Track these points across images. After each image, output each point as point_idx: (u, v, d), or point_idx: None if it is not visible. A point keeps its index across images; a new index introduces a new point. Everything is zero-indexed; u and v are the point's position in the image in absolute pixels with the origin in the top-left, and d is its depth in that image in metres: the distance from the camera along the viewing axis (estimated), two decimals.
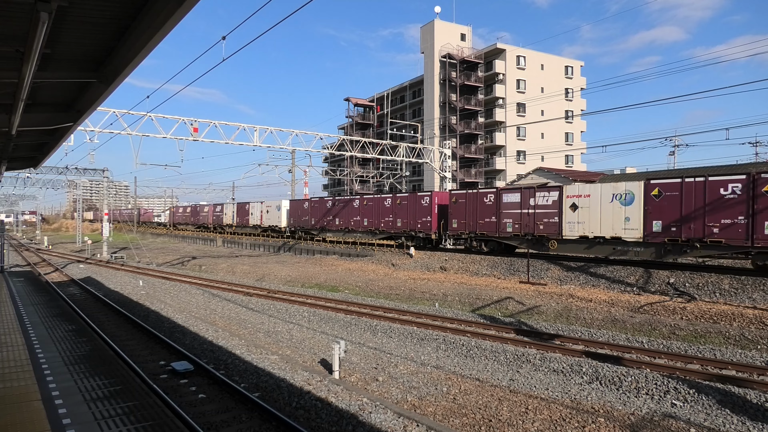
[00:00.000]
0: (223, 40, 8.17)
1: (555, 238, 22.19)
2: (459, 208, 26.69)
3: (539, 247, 23.09)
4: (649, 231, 19.07)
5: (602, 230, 20.47)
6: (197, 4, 4.44)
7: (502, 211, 24.54)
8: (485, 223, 25.39)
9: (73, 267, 33.38)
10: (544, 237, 22.63)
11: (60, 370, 8.36)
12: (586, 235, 21.00)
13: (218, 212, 59.44)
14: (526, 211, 23.39)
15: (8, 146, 11.98)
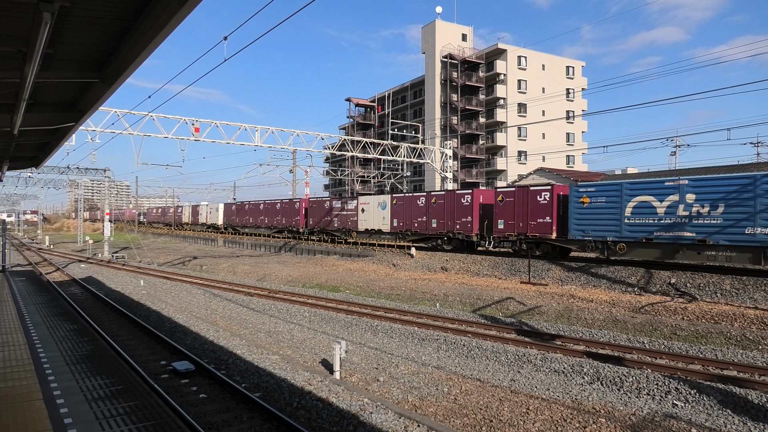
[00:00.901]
0: (224, 41, 8.17)
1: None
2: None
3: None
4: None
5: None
6: (199, 4, 4.45)
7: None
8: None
9: (74, 266, 33.42)
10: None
11: (61, 369, 8.37)
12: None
13: (179, 213, 70.86)
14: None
15: (10, 146, 12.00)
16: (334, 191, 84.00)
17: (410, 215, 30.70)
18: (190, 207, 66.87)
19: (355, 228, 35.24)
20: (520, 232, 23.59)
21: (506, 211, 24.21)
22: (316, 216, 39.86)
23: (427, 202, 29.29)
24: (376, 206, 33.46)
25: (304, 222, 42.28)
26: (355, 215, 35.13)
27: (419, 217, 29.98)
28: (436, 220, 28.35)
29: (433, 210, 28.53)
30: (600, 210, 20.63)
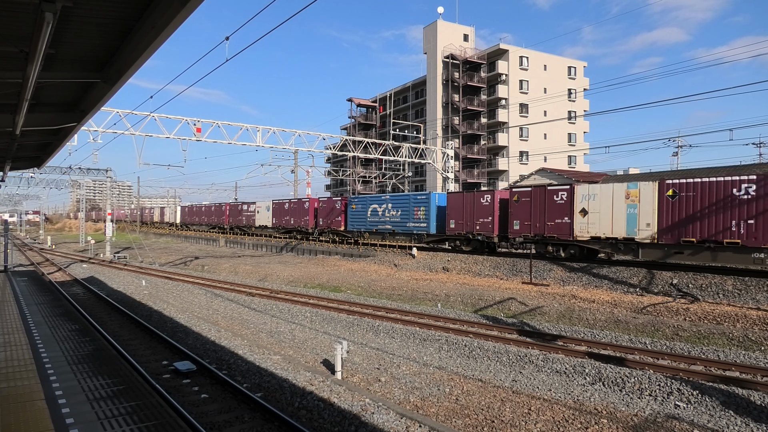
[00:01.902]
0: (226, 41, 8.18)
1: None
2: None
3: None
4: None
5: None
6: (201, 4, 4.45)
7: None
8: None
9: (76, 266, 33.47)
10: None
11: (63, 369, 8.39)
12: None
13: (150, 213, 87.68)
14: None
15: (12, 146, 12.03)
16: (336, 191, 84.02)
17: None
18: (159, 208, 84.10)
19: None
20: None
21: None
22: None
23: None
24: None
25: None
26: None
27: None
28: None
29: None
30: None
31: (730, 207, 17.36)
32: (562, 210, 22.31)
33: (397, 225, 32.29)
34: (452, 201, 28.22)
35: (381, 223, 33.52)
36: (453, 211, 27.99)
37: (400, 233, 32.32)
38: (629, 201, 20.15)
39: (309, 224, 41.09)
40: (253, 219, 50.46)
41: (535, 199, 23.33)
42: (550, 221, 22.75)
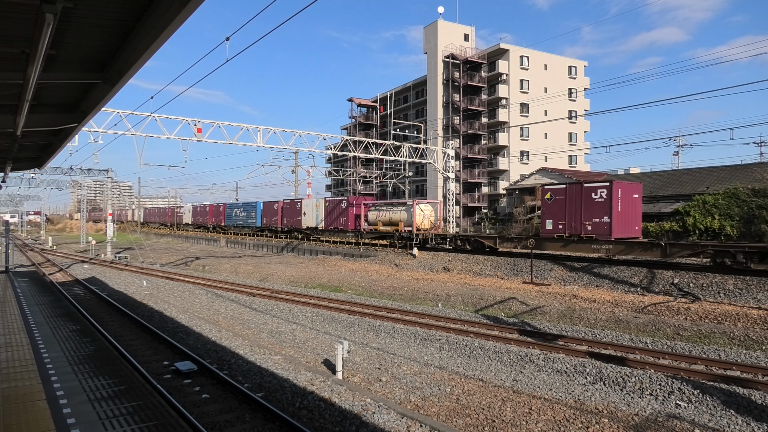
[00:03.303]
0: (226, 41, 8.18)
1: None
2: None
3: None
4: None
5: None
6: (201, 5, 4.46)
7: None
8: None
9: (77, 267, 33.50)
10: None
11: (64, 369, 8.40)
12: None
13: (125, 213, 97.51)
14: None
15: (13, 147, 12.03)
16: (336, 191, 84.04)
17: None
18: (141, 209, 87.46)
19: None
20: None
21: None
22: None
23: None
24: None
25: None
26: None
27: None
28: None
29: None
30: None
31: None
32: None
33: (244, 221, 53.52)
34: (266, 206, 48.30)
35: (237, 220, 55.35)
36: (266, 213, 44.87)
37: (245, 226, 53.91)
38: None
39: (208, 221, 62.05)
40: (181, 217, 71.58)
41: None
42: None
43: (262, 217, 49.74)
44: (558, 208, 23.22)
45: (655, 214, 34.98)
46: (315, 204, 41.12)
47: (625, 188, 22.59)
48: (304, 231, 42.28)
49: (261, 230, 48.08)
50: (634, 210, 23.56)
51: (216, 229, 59.77)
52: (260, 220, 49.14)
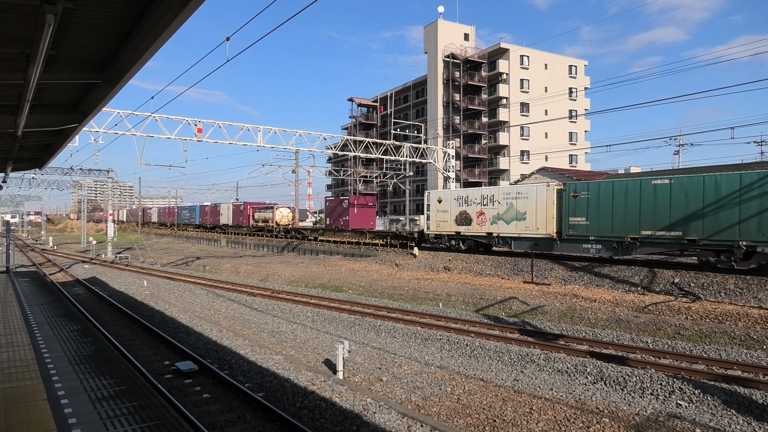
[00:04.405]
0: (227, 42, 8.18)
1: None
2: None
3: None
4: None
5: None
6: (201, 5, 4.46)
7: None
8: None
9: (77, 267, 33.53)
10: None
11: (65, 369, 8.40)
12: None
13: (101, 215, 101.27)
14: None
15: (14, 147, 12.04)
16: (337, 191, 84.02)
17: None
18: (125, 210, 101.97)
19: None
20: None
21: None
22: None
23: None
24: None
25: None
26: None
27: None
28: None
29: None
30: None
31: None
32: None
33: (188, 219, 68.66)
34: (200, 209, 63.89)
35: (184, 219, 70.13)
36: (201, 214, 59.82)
37: (189, 224, 68.73)
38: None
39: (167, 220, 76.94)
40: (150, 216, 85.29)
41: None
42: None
43: (199, 217, 65.22)
44: (330, 210, 37.25)
45: None
46: (227, 207, 58.66)
47: (360, 200, 39.73)
48: (221, 226, 59.26)
49: (198, 227, 65.18)
50: (368, 213, 40.34)
51: (172, 226, 74.73)
52: (198, 219, 64.78)
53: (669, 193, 19.17)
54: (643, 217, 19.79)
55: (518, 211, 24.75)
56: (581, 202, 22.01)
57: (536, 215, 23.92)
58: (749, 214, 17.10)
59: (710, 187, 18.04)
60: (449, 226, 28.42)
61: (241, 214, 53.45)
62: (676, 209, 18.87)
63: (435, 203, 29.44)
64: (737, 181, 17.45)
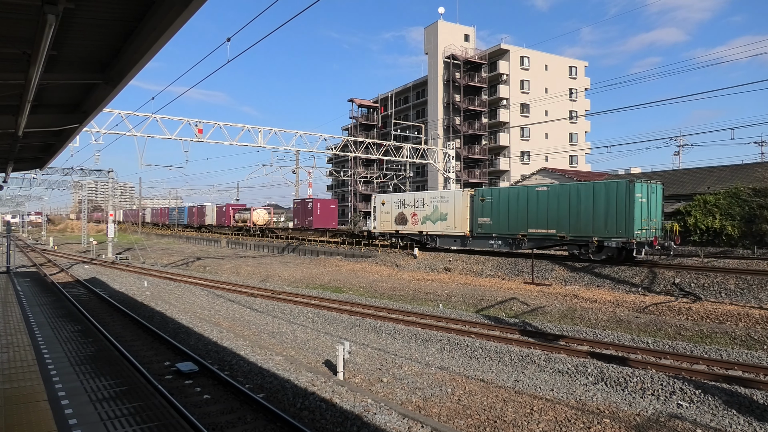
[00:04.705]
0: (227, 42, 8.19)
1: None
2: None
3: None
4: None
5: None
6: (202, 6, 4.46)
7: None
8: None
9: (78, 268, 33.53)
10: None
11: (66, 370, 8.40)
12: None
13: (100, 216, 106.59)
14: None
15: (15, 147, 12.05)
16: (337, 192, 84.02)
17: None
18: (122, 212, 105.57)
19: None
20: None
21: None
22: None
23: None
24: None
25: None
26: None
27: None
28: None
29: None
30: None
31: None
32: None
33: (178, 220, 73.44)
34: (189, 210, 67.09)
35: (174, 219, 75.12)
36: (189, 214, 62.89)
37: (178, 224, 72.81)
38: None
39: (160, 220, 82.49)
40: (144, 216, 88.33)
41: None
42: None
43: (188, 217, 69.32)
44: (297, 211, 42.91)
45: None
46: (211, 208, 62.39)
47: (323, 202, 45.45)
48: (206, 226, 63.02)
49: (186, 227, 69.46)
50: (331, 213, 45.05)
51: (164, 226, 79.13)
52: (186, 219, 69.07)
53: (547, 198, 23.01)
54: (530, 218, 23.70)
55: (441, 212, 28.49)
56: (487, 206, 25.89)
57: (455, 216, 27.63)
58: (599, 215, 21.11)
59: (574, 194, 22.04)
60: (390, 225, 32.01)
61: (223, 215, 57.61)
62: (552, 212, 22.81)
63: (380, 205, 32.99)
64: (591, 189, 21.55)
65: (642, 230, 20.54)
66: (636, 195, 20.37)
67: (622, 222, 20.37)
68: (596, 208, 21.23)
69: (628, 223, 20.23)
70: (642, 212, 20.62)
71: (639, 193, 20.54)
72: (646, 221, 20.79)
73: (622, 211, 20.40)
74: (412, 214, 30.76)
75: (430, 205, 29.35)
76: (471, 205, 26.86)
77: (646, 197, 20.96)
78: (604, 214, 20.96)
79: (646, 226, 20.77)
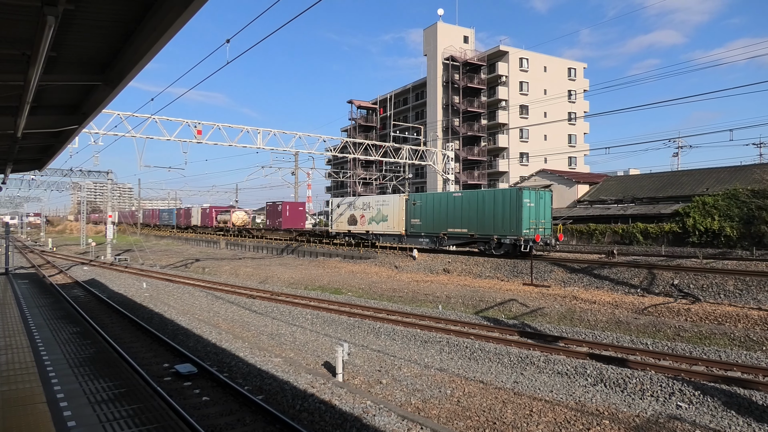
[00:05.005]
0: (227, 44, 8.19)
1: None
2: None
3: None
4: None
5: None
6: (202, 7, 4.46)
7: None
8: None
9: (77, 269, 33.48)
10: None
11: (65, 372, 8.38)
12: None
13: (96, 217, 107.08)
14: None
15: (14, 148, 12.03)
16: (336, 193, 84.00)
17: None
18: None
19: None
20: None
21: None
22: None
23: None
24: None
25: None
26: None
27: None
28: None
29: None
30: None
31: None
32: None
33: (167, 221, 77.35)
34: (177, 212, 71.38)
35: (164, 221, 79.04)
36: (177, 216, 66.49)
37: (168, 224, 76.37)
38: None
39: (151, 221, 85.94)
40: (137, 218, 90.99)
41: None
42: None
43: (176, 218, 73.34)
44: (269, 213, 48.00)
45: (654, 215, 34.97)
46: (197, 210, 66.76)
47: (292, 204, 48.72)
48: (192, 227, 67.00)
49: (175, 227, 73.09)
50: (299, 215, 48.92)
51: (156, 226, 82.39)
52: (175, 220, 72.98)
53: (461, 203, 27.15)
54: (449, 220, 27.90)
55: (383, 214, 32.58)
56: (418, 209, 29.87)
57: (393, 218, 31.78)
58: (497, 217, 25.33)
59: (480, 199, 26.36)
60: (344, 226, 36.30)
61: (207, 217, 62.96)
62: (464, 214, 26.99)
63: (336, 208, 37.41)
64: (492, 196, 26.12)
65: (530, 230, 24.42)
66: (524, 201, 24.32)
67: (514, 223, 24.57)
68: (495, 211, 25.47)
69: (518, 223, 24.33)
70: (530, 215, 24.58)
71: (527, 199, 24.47)
72: (534, 222, 24.66)
73: (514, 214, 24.57)
74: (361, 216, 34.53)
75: (374, 207, 33.34)
76: (406, 208, 30.87)
77: (534, 203, 24.85)
78: (501, 216, 25.15)
79: (534, 227, 24.60)
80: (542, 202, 25.47)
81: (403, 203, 30.92)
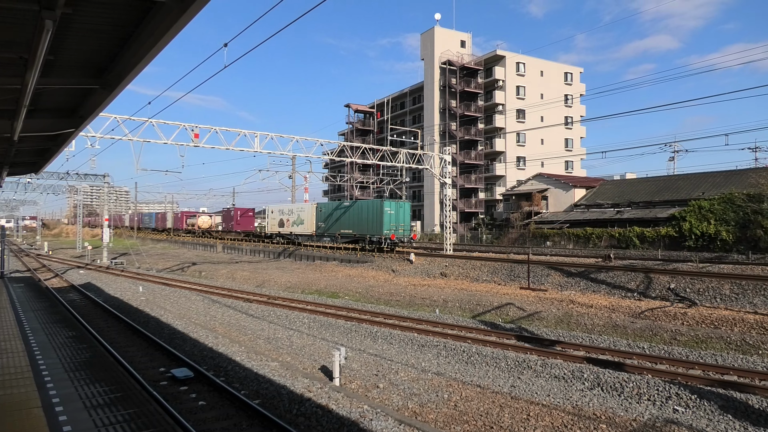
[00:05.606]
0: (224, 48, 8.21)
1: None
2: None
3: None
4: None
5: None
6: (200, 11, 4.47)
7: None
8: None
9: (73, 273, 33.35)
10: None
11: (60, 376, 8.34)
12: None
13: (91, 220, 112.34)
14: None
15: (10, 152, 12.01)
16: (333, 197, 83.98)
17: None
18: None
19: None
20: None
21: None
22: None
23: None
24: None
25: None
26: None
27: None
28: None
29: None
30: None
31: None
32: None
33: (148, 224, 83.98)
34: (156, 216, 79.27)
35: (146, 224, 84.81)
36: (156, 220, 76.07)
37: (148, 227, 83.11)
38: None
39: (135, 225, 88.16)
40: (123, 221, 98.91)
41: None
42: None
43: (155, 222, 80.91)
44: (224, 217, 57.70)
45: (651, 219, 35.09)
46: (170, 215, 76.29)
47: (242, 210, 57.62)
48: (167, 229, 74.90)
49: (154, 230, 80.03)
50: (249, 220, 57.57)
51: (139, 229, 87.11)
52: (154, 224, 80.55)
53: (350, 210, 35.73)
54: (341, 223, 36.32)
55: (301, 219, 41.26)
56: (323, 214, 38.35)
57: (307, 222, 40.34)
58: (370, 221, 33.41)
59: (361, 207, 34.80)
60: (276, 228, 45.45)
61: (179, 220, 72.63)
62: (351, 219, 35.38)
63: (270, 213, 47.12)
64: (367, 204, 34.46)
65: (390, 230, 32.38)
66: (386, 209, 32.37)
67: (379, 225, 32.56)
68: (369, 217, 33.57)
69: (380, 226, 32.43)
70: (390, 220, 32.48)
71: (388, 207, 32.54)
72: (394, 225, 32.63)
73: (378, 219, 32.63)
74: (287, 220, 43.34)
75: (295, 213, 42.20)
76: (315, 214, 39.30)
77: (394, 210, 32.80)
78: (371, 221, 33.20)
79: (393, 229, 32.56)
80: (402, 210, 33.31)
81: (314, 210, 39.44)
